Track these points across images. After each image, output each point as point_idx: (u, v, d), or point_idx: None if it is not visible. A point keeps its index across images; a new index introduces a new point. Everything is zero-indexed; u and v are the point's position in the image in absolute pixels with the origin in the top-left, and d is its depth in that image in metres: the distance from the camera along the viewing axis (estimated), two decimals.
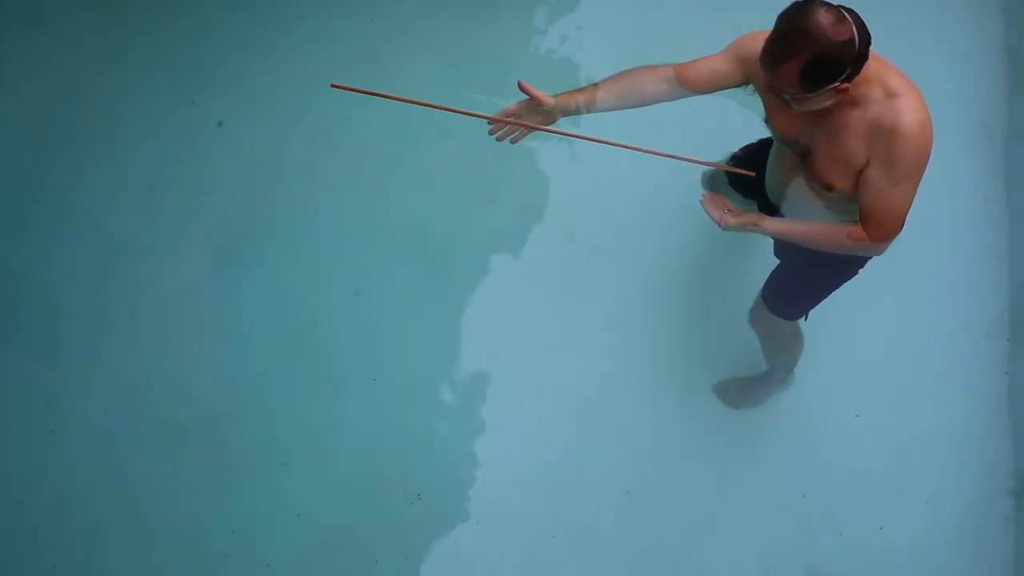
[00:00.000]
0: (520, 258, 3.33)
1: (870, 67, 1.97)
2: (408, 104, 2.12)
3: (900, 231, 2.13)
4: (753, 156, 2.63)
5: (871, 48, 1.95)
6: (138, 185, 3.43)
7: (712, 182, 2.95)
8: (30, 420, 3.16)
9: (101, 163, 3.45)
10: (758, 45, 1.98)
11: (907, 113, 1.98)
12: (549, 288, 3.29)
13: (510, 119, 2.19)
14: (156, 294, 3.30)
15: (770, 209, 2.51)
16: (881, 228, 2.11)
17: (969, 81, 3.49)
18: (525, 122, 2.19)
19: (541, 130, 2.21)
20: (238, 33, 3.62)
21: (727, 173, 2.70)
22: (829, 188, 2.17)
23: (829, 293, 2.63)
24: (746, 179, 2.45)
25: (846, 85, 1.94)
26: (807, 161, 2.21)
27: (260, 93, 3.55)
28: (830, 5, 1.90)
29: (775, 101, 2.10)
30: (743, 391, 3.13)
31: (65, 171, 3.44)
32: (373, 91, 1.95)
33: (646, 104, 2.27)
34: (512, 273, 3.31)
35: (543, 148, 3.42)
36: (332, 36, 3.62)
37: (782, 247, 2.71)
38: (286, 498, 3.08)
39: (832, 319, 3.07)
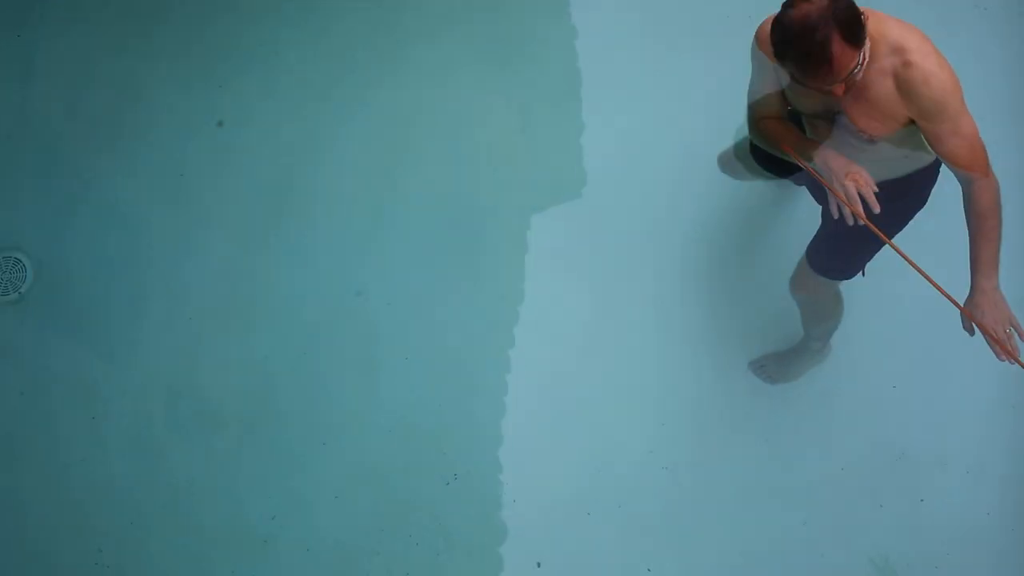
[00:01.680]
0: (553, 234, 3.31)
1: (869, 24, 1.97)
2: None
3: (986, 155, 2.14)
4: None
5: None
6: (169, 172, 3.44)
7: (730, 165, 2.93)
8: (70, 408, 3.21)
9: (133, 152, 3.46)
10: (765, 34, 2.06)
11: (925, 64, 2.01)
12: (582, 264, 3.27)
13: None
14: (191, 280, 3.32)
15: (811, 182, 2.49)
16: (976, 160, 2.12)
17: (1009, 47, 3.40)
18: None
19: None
20: (259, 13, 3.60)
21: (754, 158, 2.68)
22: (872, 139, 2.17)
23: (878, 248, 2.57)
24: (776, 157, 2.42)
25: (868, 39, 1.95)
26: (840, 123, 2.20)
27: (284, 71, 3.52)
28: None
29: (799, 88, 2.08)
30: (780, 365, 3.09)
31: (98, 162, 3.45)
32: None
33: None
34: (545, 249, 3.29)
35: (572, 124, 3.39)
36: (356, 11, 3.58)
37: (823, 196, 2.64)
38: (324, 480, 3.10)
39: (867, 290, 3.02)
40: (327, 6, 3.61)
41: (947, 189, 2.30)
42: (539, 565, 3.01)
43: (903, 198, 2.41)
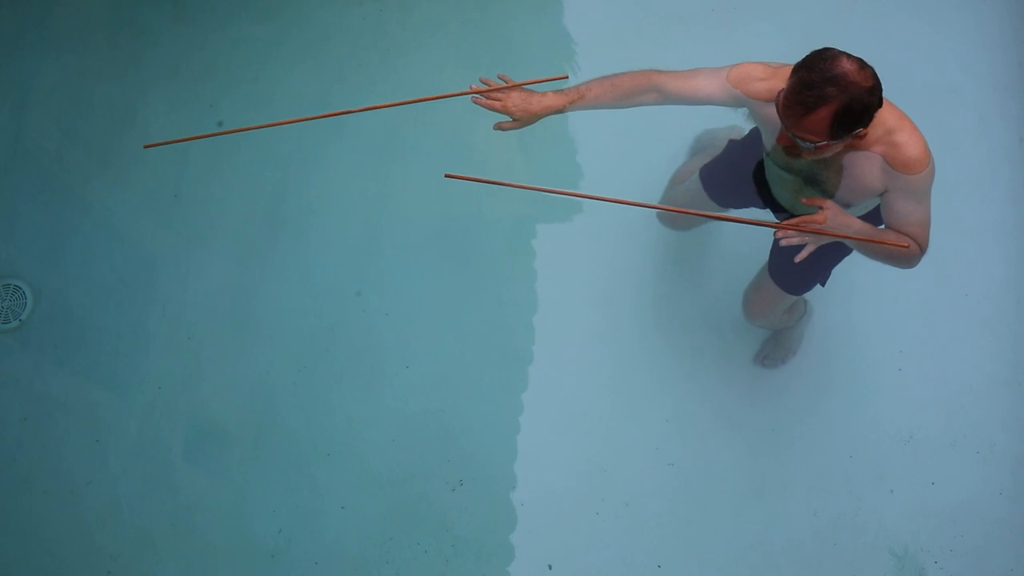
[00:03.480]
0: (550, 237, 3.31)
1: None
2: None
3: (928, 243, 2.18)
4: (727, 170, 2.66)
5: None
6: (164, 193, 3.45)
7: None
8: (74, 432, 3.20)
9: (128, 175, 3.47)
10: (758, 87, 2.10)
11: (912, 146, 2.05)
12: (581, 265, 3.27)
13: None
14: (190, 299, 3.32)
15: (776, 208, 2.53)
16: (925, 238, 2.17)
17: (1002, 24, 3.42)
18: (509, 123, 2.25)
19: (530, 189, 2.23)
20: (248, 32, 3.62)
21: (706, 188, 2.72)
22: (848, 205, 2.21)
23: (838, 261, 2.60)
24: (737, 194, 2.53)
25: (866, 130, 1.98)
26: (817, 187, 2.23)
27: (274, 89, 3.54)
28: (848, 53, 1.92)
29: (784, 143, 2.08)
30: (778, 345, 3.09)
31: (94, 187, 3.47)
32: (487, 179, 2.10)
33: (632, 107, 2.31)
34: (542, 252, 3.29)
35: (564, 132, 3.39)
36: (343, 29, 3.61)
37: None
38: (329, 491, 3.09)
39: (869, 274, 3.01)
40: (313, 25, 3.62)
41: (940, 182, 2.27)
42: (550, 567, 2.99)
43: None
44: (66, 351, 3.30)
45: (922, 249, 2.16)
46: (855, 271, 3.02)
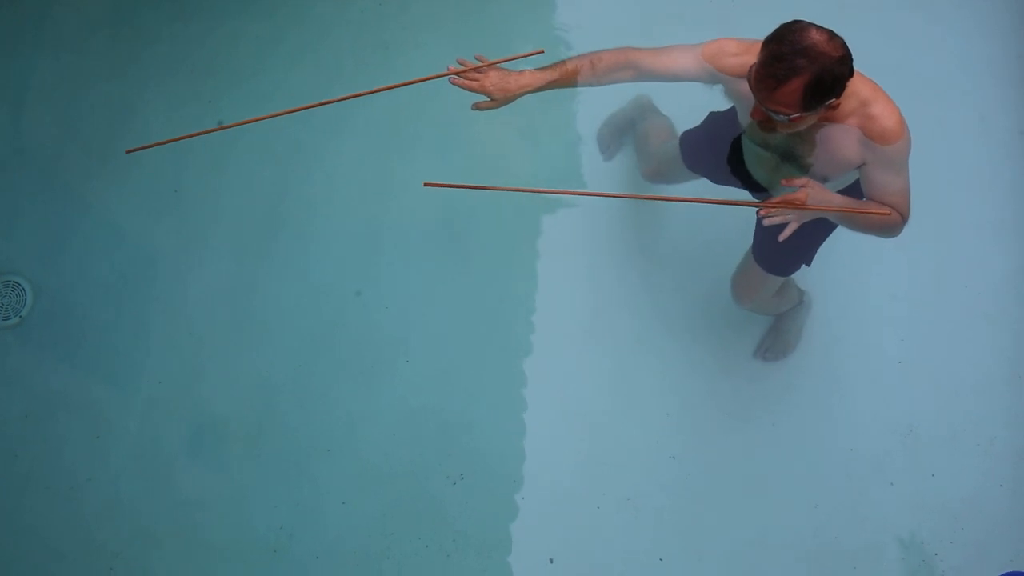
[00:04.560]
0: (551, 232, 3.31)
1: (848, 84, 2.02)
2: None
3: (910, 212, 2.19)
4: (705, 144, 2.67)
5: None
6: (164, 190, 3.45)
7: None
8: (75, 429, 3.20)
9: (127, 173, 3.47)
10: (731, 62, 2.12)
11: (887, 118, 2.07)
12: (582, 259, 3.27)
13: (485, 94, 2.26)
14: (190, 296, 3.32)
15: (754, 188, 2.55)
16: (905, 205, 2.18)
17: (1001, 18, 3.43)
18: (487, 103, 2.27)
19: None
20: (246, 29, 3.62)
21: (683, 157, 2.74)
22: (825, 179, 2.23)
23: (823, 239, 2.61)
24: (717, 164, 2.53)
25: (839, 101, 2.00)
26: (794, 162, 2.25)
27: (273, 86, 3.54)
28: (817, 25, 1.95)
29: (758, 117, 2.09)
30: (778, 338, 3.09)
31: (93, 184, 3.47)
32: (467, 184, 2.12)
33: (610, 84, 2.31)
34: (543, 247, 3.29)
35: (567, 126, 3.40)
36: (341, 24, 3.61)
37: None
38: (330, 487, 3.09)
39: (870, 266, 3.02)
40: (311, 22, 3.63)
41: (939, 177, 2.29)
42: (552, 561, 2.99)
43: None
44: (66, 348, 3.30)
45: (904, 218, 2.17)
46: (855, 262, 3.03)
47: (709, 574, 2.96)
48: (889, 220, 2.15)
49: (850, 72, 1.97)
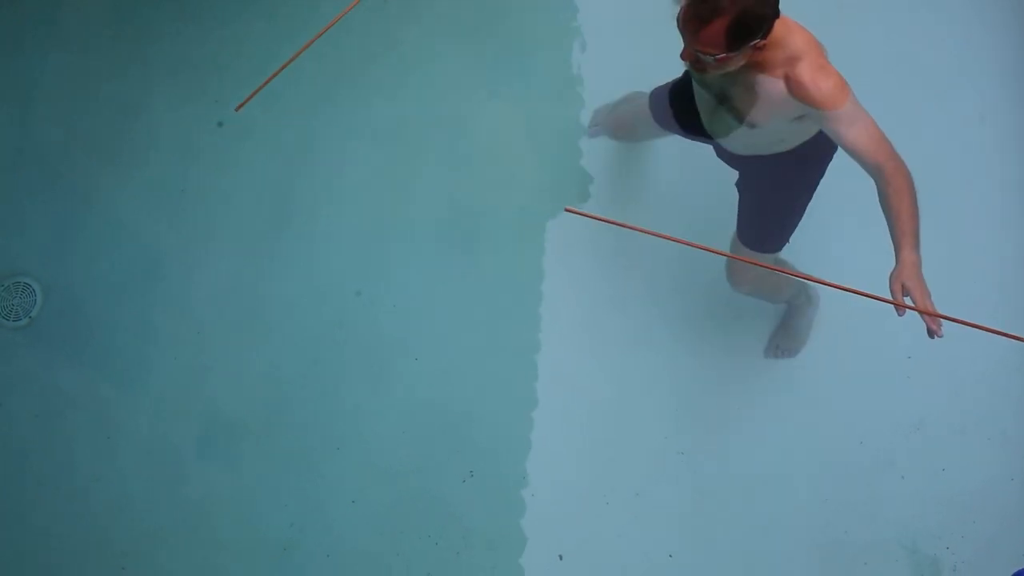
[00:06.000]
0: (557, 231, 3.30)
1: (776, 29, 2.02)
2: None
3: (892, 146, 2.11)
4: (673, 96, 2.68)
5: None
6: (171, 188, 3.44)
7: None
8: (85, 428, 3.21)
9: (134, 171, 3.46)
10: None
11: (812, 86, 2.05)
12: (588, 258, 3.26)
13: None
14: (198, 294, 3.32)
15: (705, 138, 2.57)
16: (879, 148, 2.10)
17: (1004, 11, 3.40)
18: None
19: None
20: (254, 29, 3.62)
21: (652, 111, 2.75)
22: (753, 126, 2.25)
23: (803, 211, 2.61)
24: (678, 114, 2.56)
25: (764, 42, 2.00)
26: (726, 104, 2.26)
27: (282, 87, 3.53)
28: None
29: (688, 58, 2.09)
30: (787, 335, 3.09)
31: (100, 183, 3.47)
32: (608, 219, 2.07)
33: None
34: (550, 246, 3.28)
35: (573, 124, 3.39)
36: (346, 20, 3.59)
37: (744, 178, 2.67)
38: (340, 485, 3.10)
39: (876, 258, 2.99)
40: (321, 21, 3.60)
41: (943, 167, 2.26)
42: (561, 558, 2.99)
43: (802, 167, 2.47)
44: (76, 348, 3.30)
45: (896, 164, 2.09)
46: (866, 257, 3.01)
47: (718, 570, 2.96)
48: (898, 184, 2.06)
49: (774, 13, 1.98)
